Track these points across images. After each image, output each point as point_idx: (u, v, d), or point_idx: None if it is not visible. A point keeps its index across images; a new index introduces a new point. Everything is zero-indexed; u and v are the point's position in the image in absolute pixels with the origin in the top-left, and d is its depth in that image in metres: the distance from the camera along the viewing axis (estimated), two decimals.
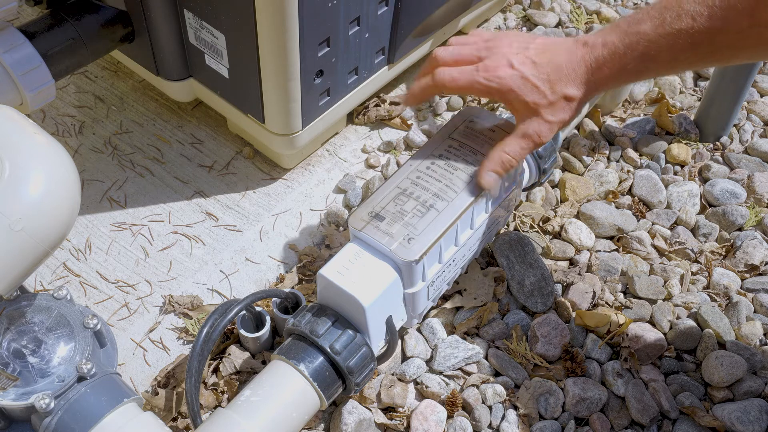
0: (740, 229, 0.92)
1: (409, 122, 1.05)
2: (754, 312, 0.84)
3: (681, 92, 1.10)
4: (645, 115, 1.06)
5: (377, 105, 1.05)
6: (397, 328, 0.73)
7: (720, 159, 1.01)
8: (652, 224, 0.93)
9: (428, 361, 0.80)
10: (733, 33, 0.55)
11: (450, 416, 0.77)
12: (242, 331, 0.77)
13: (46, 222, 0.58)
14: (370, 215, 0.70)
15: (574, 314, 0.83)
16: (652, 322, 0.83)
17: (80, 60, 0.85)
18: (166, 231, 0.93)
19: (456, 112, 0.94)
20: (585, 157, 0.99)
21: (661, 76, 1.07)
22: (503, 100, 0.68)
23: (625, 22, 0.62)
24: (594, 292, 0.85)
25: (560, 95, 0.65)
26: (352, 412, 0.75)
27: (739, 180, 0.97)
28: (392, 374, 0.79)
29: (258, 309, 0.78)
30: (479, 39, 0.71)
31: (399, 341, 0.81)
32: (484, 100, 1.08)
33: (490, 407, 0.77)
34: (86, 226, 0.93)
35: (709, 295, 0.86)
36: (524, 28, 1.19)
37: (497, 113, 0.94)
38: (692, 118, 1.04)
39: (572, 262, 0.89)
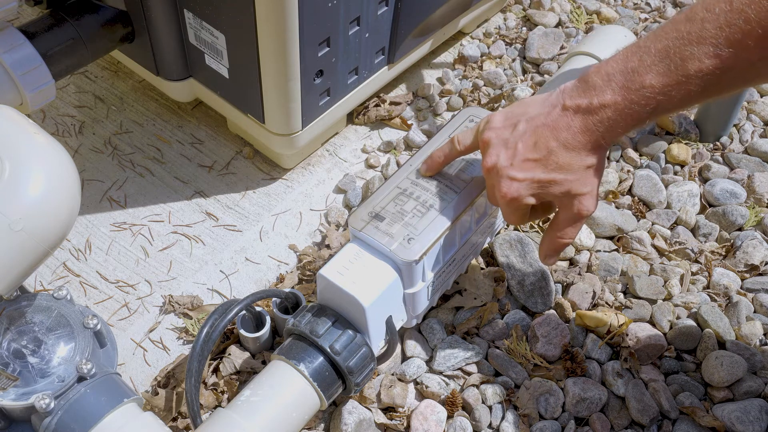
0: (740, 229, 0.92)
1: (409, 122, 1.05)
2: (754, 312, 0.84)
3: None
4: None
5: (377, 105, 1.05)
6: (397, 328, 0.73)
7: (720, 159, 1.01)
8: (652, 224, 0.93)
9: (428, 361, 0.80)
10: (744, 67, 0.53)
11: (450, 416, 0.76)
12: (242, 331, 0.77)
13: (46, 222, 0.58)
14: (370, 215, 0.70)
15: (574, 314, 0.83)
16: (652, 322, 0.83)
17: (80, 60, 0.85)
18: (166, 231, 0.93)
19: (456, 112, 0.94)
20: None
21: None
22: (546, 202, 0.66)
23: (622, 76, 0.57)
24: (594, 292, 0.85)
25: (581, 168, 0.62)
26: (352, 412, 0.75)
27: (739, 180, 0.97)
28: (392, 374, 0.79)
29: (258, 309, 0.78)
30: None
31: (399, 341, 0.81)
32: (484, 100, 1.08)
33: (490, 407, 0.77)
34: (86, 226, 0.93)
35: (709, 295, 0.86)
36: (524, 28, 1.19)
37: None
38: (692, 117, 1.04)
39: (572, 262, 0.89)
